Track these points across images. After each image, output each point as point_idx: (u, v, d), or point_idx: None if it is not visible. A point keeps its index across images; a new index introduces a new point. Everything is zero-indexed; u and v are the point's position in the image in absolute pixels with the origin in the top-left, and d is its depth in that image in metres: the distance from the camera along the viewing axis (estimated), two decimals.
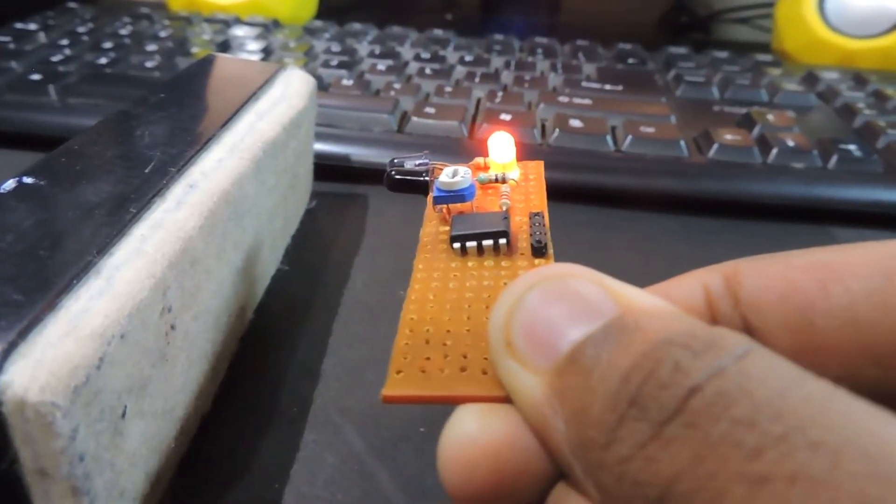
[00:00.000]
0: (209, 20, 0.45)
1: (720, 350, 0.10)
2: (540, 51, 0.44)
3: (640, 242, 0.29)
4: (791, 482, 0.08)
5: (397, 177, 0.18)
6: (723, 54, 0.45)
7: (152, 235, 0.15)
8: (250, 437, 0.19)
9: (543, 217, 0.16)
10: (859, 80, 0.41)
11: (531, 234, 0.16)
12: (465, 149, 0.31)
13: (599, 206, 0.31)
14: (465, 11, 0.64)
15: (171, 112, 0.21)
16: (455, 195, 0.17)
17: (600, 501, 0.10)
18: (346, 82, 0.36)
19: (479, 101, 0.36)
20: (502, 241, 0.15)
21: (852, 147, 0.32)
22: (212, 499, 0.17)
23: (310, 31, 0.45)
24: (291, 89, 0.25)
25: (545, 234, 0.16)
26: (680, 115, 0.35)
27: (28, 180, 0.16)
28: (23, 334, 0.12)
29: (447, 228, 0.17)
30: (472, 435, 0.11)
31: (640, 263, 0.27)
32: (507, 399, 0.12)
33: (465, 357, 0.13)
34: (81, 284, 0.13)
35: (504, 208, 0.17)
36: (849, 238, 0.30)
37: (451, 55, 0.42)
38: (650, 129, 0.32)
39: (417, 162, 0.18)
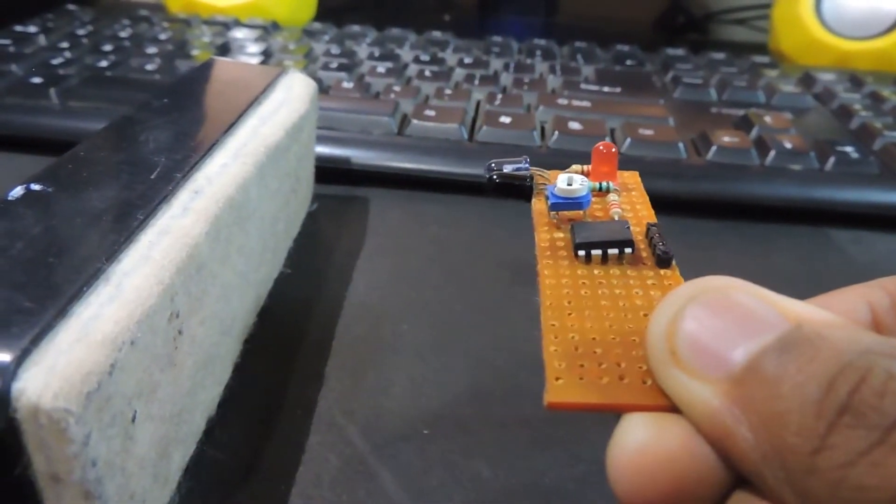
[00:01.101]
0: (208, 22, 0.46)
1: None
2: (538, 52, 0.44)
3: None
4: None
5: (499, 181, 0.18)
6: (720, 56, 0.45)
7: (159, 242, 0.15)
8: (255, 439, 0.19)
9: (661, 227, 0.16)
10: (855, 81, 0.41)
11: (653, 245, 0.16)
12: (465, 151, 0.31)
13: None
14: (462, 12, 0.64)
15: (175, 117, 0.21)
16: (573, 202, 0.17)
17: None
18: (346, 85, 0.36)
19: (478, 103, 0.36)
20: (628, 250, 0.16)
21: (849, 149, 0.32)
22: (218, 501, 0.17)
23: (309, 34, 0.45)
24: (293, 93, 0.25)
25: (667, 244, 0.16)
26: (678, 117, 0.35)
27: (36, 187, 0.16)
28: (35, 341, 0.12)
29: (562, 235, 0.17)
30: (646, 444, 0.12)
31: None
32: (672, 408, 0.12)
33: (619, 366, 0.13)
34: (91, 291, 0.13)
35: (616, 217, 0.17)
36: (846, 240, 0.30)
37: (450, 57, 0.42)
38: (649, 132, 0.32)
39: (517, 166, 0.18)
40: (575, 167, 0.19)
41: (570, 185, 0.17)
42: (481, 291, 0.25)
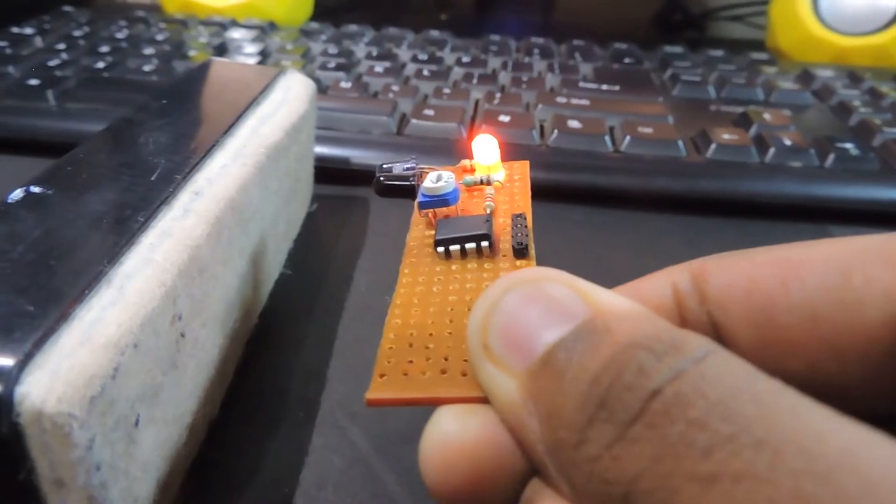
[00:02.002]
0: (205, 23, 0.45)
1: (681, 353, 0.10)
2: (536, 51, 0.44)
3: (639, 242, 0.29)
4: (736, 481, 0.08)
5: (385, 182, 0.18)
6: (718, 53, 0.45)
7: (161, 244, 0.15)
8: (258, 441, 0.19)
9: (526, 218, 0.16)
10: (854, 77, 0.41)
11: (512, 236, 0.16)
12: (464, 151, 0.31)
13: (598, 206, 0.31)
14: (459, 11, 0.64)
15: (174, 118, 0.21)
16: (439, 200, 0.17)
17: (573, 498, 0.11)
18: (345, 84, 0.36)
19: (477, 102, 0.36)
20: (484, 243, 0.16)
21: (849, 145, 0.32)
22: (222, 503, 0.17)
23: (306, 33, 0.45)
24: (292, 93, 0.25)
25: (527, 235, 0.16)
26: (677, 115, 0.35)
27: (36, 189, 0.16)
28: (38, 345, 0.12)
29: (433, 233, 0.17)
30: (451, 435, 0.12)
31: (639, 263, 0.27)
32: (485, 400, 0.12)
33: (445, 360, 0.13)
34: (93, 294, 0.13)
35: (488, 210, 0.17)
36: (846, 235, 0.30)
37: (448, 56, 0.42)
38: (648, 130, 0.32)
39: (406, 166, 0.18)
40: (464, 162, 0.19)
41: (437, 182, 0.17)
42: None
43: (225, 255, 0.18)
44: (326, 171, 0.30)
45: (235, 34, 0.44)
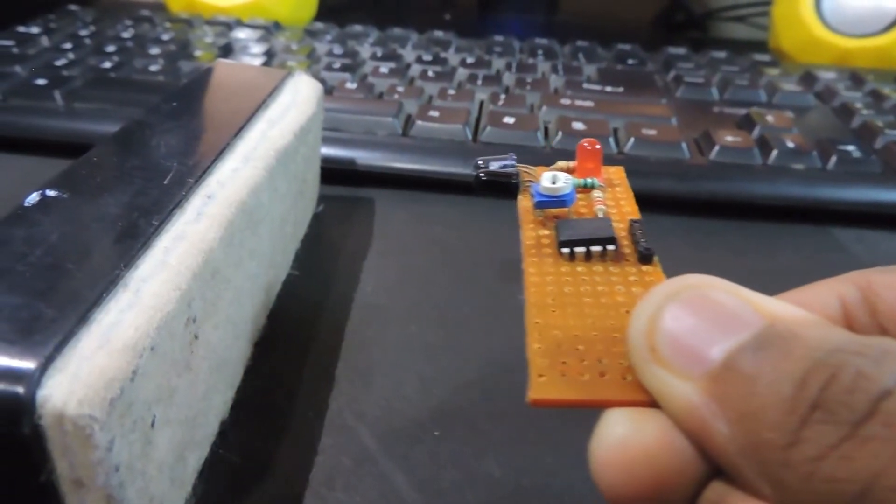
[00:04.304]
0: (210, 23, 0.46)
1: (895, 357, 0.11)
2: (540, 52, 0.45)
3: None
4: None
5: (485, 178, 0.18)
6: (721, 54, 0.45)
7: (175, 247, 0.15)
8: (268, 441, 0.19)
9: (644, 224, 0.17)
10: (856, 79, 0.41)
11: (636, 242, 0.16)
12: (469, 152, 0.32)
13: None
14: (462, 11, 0.64)
15: (185, 121, 0.21)
16: (557, 200, 0.17)
17: (778, 499, 0.11)
18: (350, 85, 0.36)
19: (481, 103, 0.36)
20: (611, 247, 0.16)
21: (851, 148, 0.32)
22: (233, 502, 0.17)
23: (311, 34, 0.45)
24: (300, 96, 0.25)
25: (650, 241, 0.16)
26: (680, 117, 0.35)
27: (51, 193, 0.16)
28: (58, 349, 0.12)
29: (547, 232, 0.17)
30: (626, 438, 0.12)
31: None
32: (651, 403, 0.12)
33: (600, 362, 0.13)
34: (111, 297, 0.14)
35: (600, 214, 0.17)
36: (849, 238, 0.30)
37: (453, 57, 0.42)
38: (652, 132, 0.33)
39: (503, 163, 0.18)
40: (560, 164, 0.19)
41: (554, 182, 0.17)
42: (488, 291, 0.25)
43: (236, 258, 0.18)
44: (332, 172, 0.31)
45: (241, 34, 0.44)
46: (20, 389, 0.11)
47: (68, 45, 0.40)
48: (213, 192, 0.18)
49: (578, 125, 0.33)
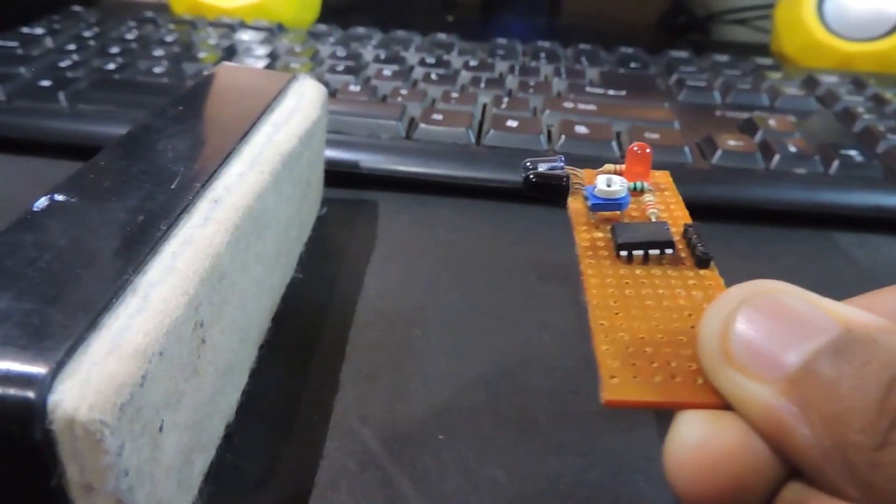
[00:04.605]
0: (214, 24, 0.46)
1: None
2: (543, 55, 0.45)
3: None
4: None
5: (536, 181, 0.18)
6: (723, 58, 0.45)
7: (183, 252, 0.16)
8: (273, 444, 0.19)
9: (699, 228, 0.17)
10: (858, 83, 0.41)
11: (692, 245, 0.16)
12: (473, 155, 0.32)
13: None
14: (465, 12, 0.64)
15: (191, 125, 0.21)
16: (612, 203, 0.17)
17: (865, 499, 0.11)
18: (353, 88, 0.36)
19: (484, 106, 0.36)
20: (669, 251, 0.16)
21: (853, 152, 0.32)
22: None
23: (314, 36, 0.45)
24: (305, 99, 0.25)
25: (707, 245, 0.16)
26: (683, 121, 0.36)
27: (60, 198, 0.16)
28: (69, 354, 0.12)
29: (601, 235, 0.17)
30: (704, 440, 0.13)
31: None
32: (724, 405, 0.13)
33: (669, 365, 0.14)
34: (120, 303, 0.14)
35: (653, 218, 0.17)
36: (851, 243, 0.30)
37: (456, 60, 0.42)
38: (654, 136, 0.33)
39: (552, 165, 0.19)
40: (608, 167, 0.19)
41: (609, 185, 0.17)
42: (492, 295, 0.26)
43: (242, 262, 0.18)
44: (336, 175, 0.31)
45: (244, 36, 0.44)
46: (31, 395, 0.11)
47: (72, 47, 0.40)
48: (220, 197, 0.18)
49: (581, 129, 0.33)
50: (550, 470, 0.19)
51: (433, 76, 0.39)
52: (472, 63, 0.42)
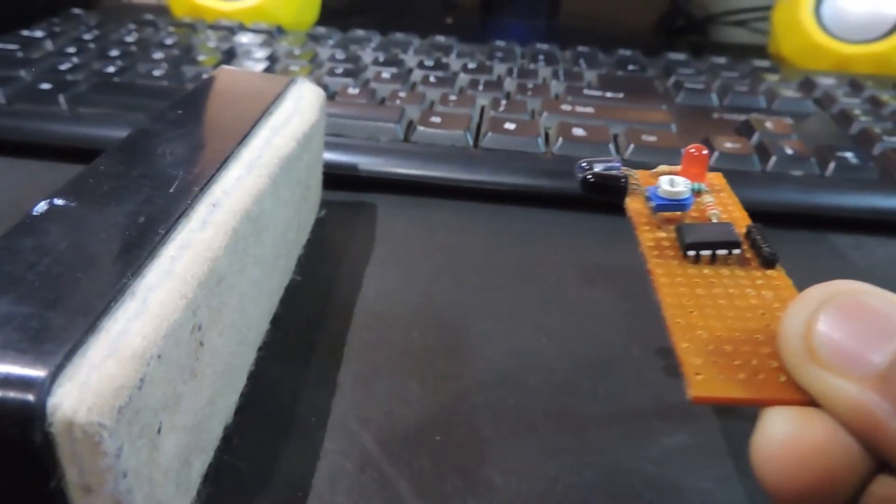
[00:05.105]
0: (213, 27, 0.46)
1: None
2: (541, 57, 0.45)
3: None
4: None
5: (594, 181, 0.19)
6: (721, 60, 0.45)
7: (181, 256, 0.16)
8: (271, 446, 0.19)
9: (763, 229, 0.17)
10: (855, 85, 0.41)
11: (758, 246, 0.17)
12: (471, 157, 0.32)
13: (603, 214, 0.31)
14: (464, 14, 0.64)
15: (190, 129, 0.22)
16: (678, 204, 0.18)
17: None
18: (352, 90, 0.36)
19: (483, 109, 0.36)
20: (736, 251, 0.16)
21: (849, 154, 0.32)
22: None
23: (314, 38, 0.45)
24: (304, 103, 0.26)
25: (773, 245, 0.17)
26: (680, 123, 0.36)
27: (59, 202, 0.17)
28: (68, 357, 0.12)
29: (664, 235, 0.17)
30: (792, 436, 0.13)
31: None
32: (809, 402, 0.13)
33: (751, 363, 0.14)
34: (118, 306, 0.14)
35: (714, 219, 0.18)
36: (847, 245, 0.30)
37: (454, 62, 0.42)
38: (652, 138, 0.33)
39: (608, 165, 0.19)
40: (662, 168, 0.20)
41: (672, 186, 0.17)
42: (490, 297, 0.26)
43: (241, 265, 0.18)
44: (335, 178, 0.31)
45: (244, 39, 0.44)
46: (31, 397, 0.12)
47: (72, 50, 0.40)
48: (219, 201, 0.18)
49: (579, 131, 0.33)
50: (548, 472, 0.19)
51: (432, 79, 0.39)
52: (471, 65, 0.42)
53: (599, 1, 0.65)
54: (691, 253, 0.16)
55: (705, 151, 0.19)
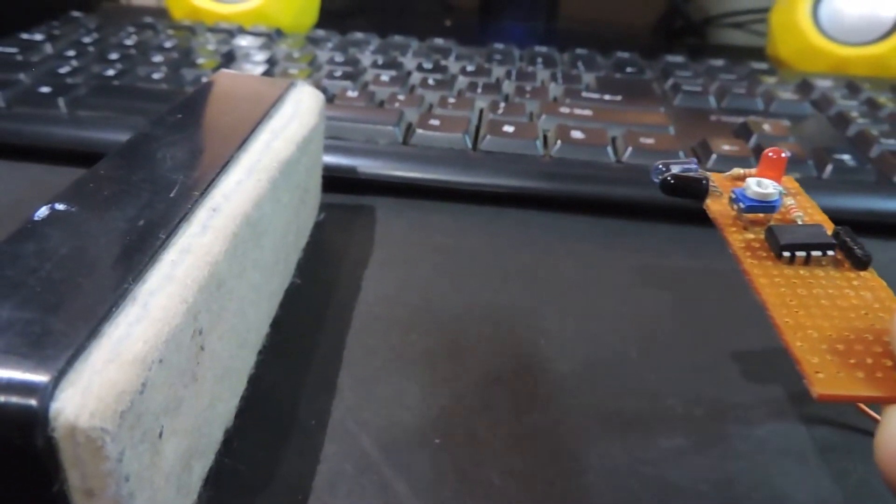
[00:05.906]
0: (212, 30, 0.46)
1: None
2: (539, 60, 0.45)
3: (643, 252, 0.29)
4: None
5: (674, 182, 0.19)
6: (719, 62, 0.46)
7: (182, 261, 0.16)
8: (272, 449, 0.19)
9: (851, 231, 0.17)
10: (852, 87, 0.42)
11: (849, 247, 0.17)
12: (469, 160, 0.32)
13: (601, 216, 0.32)
14: (462, 17, 0.64)
15: (189, 133, 0.22)
16: (767, 206, 0.18)
17: None
18: (351, 94, 0.36)
19: (481, 112, 0.36)
20: (830, 252, 0.17)
21: (846, 157, 0.32)
22: None
23: (313, 41, 0.45)
24: (303, 106, 0.26)
25: (864, 246, 0.17)
26: (678, 125, 0.36)
27: (60, 207, 0.17)
28: (70, 362, 0.12)
29: (753, 236, 0.18)
30: None
31: (646, 272, 0.28)
32: None
33: (866, 361, 0.14)
34: (120, 311, 0.14)
35: (799, 221, 0.18)
36: None
37: (453, 65, 0.43)
38: (650, 140, 0.33)
39: (685, 167, 0.19)
40: (737, 171, 0.20)
41: (761, 188, 0.18)
42: (488, 300, 0.26)
43: (240, 269, 0.18)
44: (334, 180, 0.31)
45: (243, 41, 0.44)
46: (34, 402, 0.12)
47: (72, 53, 0.41)
48: (219, 205, 0.18)
49: (577, 134, 0.33)
50: (545, 474, 0.19)
51: (430, 81, 0.39)
52: (470, 68, 0.42)
53: (598, 3, 0.65)
54: (786, 254, 0.17)
55: (784, 154, 0.19)
